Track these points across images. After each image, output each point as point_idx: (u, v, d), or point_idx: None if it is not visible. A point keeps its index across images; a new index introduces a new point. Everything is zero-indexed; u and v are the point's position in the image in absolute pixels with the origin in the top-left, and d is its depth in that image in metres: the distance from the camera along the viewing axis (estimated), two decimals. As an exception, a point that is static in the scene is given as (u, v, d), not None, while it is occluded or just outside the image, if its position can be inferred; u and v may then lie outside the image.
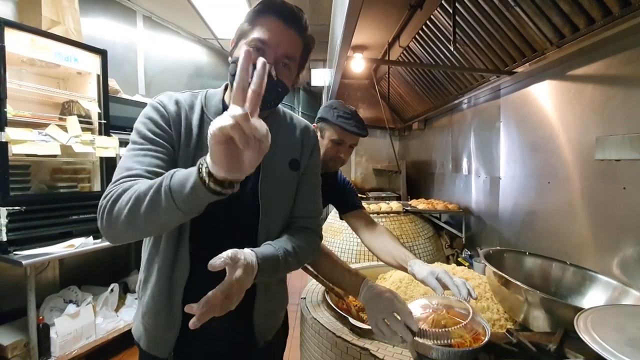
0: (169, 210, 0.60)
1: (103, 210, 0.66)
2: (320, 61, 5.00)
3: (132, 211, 0.62)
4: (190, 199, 0.58)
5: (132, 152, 0.74)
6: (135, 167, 0.71)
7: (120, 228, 0.65)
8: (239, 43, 0.81)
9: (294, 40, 0.80)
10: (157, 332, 0.83)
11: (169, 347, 0.83)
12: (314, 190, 0.97)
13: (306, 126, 0.97)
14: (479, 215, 2.17)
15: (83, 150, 2.18)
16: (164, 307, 0.81)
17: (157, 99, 0.83)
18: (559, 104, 1.46)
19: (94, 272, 2.67)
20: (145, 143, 0.75)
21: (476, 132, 2.26)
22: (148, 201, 0.61)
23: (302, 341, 1.26)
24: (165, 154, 0.75)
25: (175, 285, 0.80)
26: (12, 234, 1.87)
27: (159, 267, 0.81)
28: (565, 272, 1.20)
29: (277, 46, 0.78)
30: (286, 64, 0.81)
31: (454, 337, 0.77)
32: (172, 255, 0.80)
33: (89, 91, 2.37)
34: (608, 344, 0.61)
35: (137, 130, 0.77)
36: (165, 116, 0.80)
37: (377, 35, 2.57)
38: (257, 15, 0.79)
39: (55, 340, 1.98)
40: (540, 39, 1.42)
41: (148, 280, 0.83)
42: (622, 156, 1.12)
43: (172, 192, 0.59)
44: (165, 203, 0.60)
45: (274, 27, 0.78)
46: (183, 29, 3.97)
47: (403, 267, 1.13)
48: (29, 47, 2.00)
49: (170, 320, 0.81)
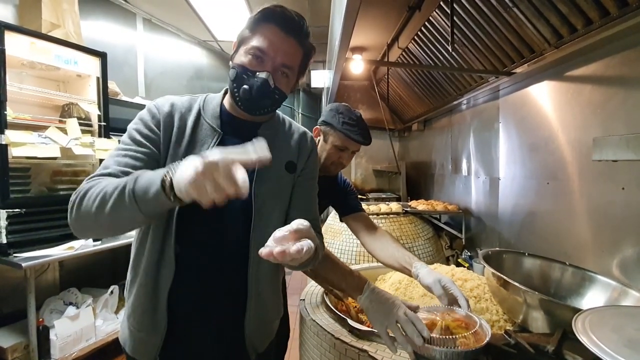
0: (133, 212, 0.62)
1: (72, 204, 0.68)
2: (320, 62, 5.01)
3: (98, 209, 0.64)
4: (152, 205, 0.61)
5: (115, 152, 0.77)
6: (111, 166, 0.74)
7: (88, 224, 0.68)
8: (239, 49, 0.82)
9: (292, 49, 0.81)
10: (141, 334, 0.82)
11: (154, 351, 0.81)
12: (311, 192, 0.97)
13: (304, 132, 0.98)
14: (479, 216, 2.17)
15: (83, 152, 2.18)
16: (148, 308, 0.80)
17: (154, 101, 0.84)
18: (558, 104, 1.46)
19: (93, 274, 2.67)
20: (130, 144, 0.78)
21: (475, 132, 2.26)
22: (113, 201, 0.63)
23: (301, 342, 1.26)
24: (145, 154, 0.77)
25: (160, 286, 0.79)
26: (12, 236, 1.87)
27: (144, 267, 0.80)
28: (565, 272, 1.20)
29: (275, 55, 0.79)
30: (284, 72, 0.81)
31: (460, 344, 0.76)
32: (157, 254, 0.79)
33: (89, 94, 2.37)
34: (606, 345, 0.61)
35: (127, 132, 0.80)
36: (157, 117, 0.81)
37: (376, 37, 2.58)
38: (258, 23, 0.80)
39: (55, 343, 1.98)
40: (538, 40, 1.42)
41: (134, 280, 0.82)
42: (619, 157, 1.12)
43: (135, 196, 0.61)
44: (128, 205, 0.61)
45: (273, 36, 0.79)
46: (183, 31, 3.98)
47: (406, 269, 1.12)
48: (29, 50, 2.01)
49: (155, 322, 0.80)
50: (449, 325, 0.82)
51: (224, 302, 0.84)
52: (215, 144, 0.81)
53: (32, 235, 1.98)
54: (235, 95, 0.81)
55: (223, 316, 0.85)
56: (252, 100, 0.80)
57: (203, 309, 0.83)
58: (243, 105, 0.81)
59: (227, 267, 0.83)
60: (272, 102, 0.83)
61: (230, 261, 0.83)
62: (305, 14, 0.86)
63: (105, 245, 2.21)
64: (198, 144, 0.81)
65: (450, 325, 0.82)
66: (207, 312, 0.83)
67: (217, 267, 0.83)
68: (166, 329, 0.80)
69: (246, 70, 0.79)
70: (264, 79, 0.78)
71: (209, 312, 0.83)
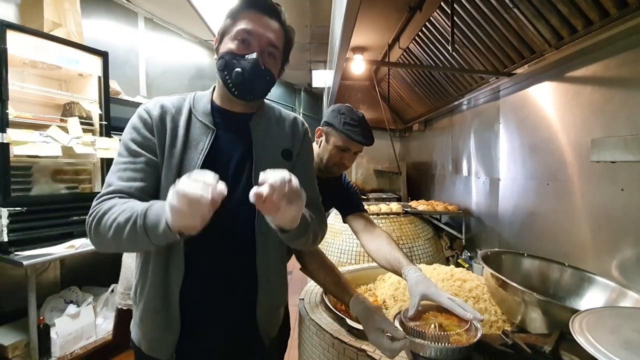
0: (147, 244, 0.67)
1: (90, 227, 0.73)
2: (321, 62, 5.01)
3: (114, 238, 0.69)
4: (162, 239, 0.65)
5: (116, 167, 0.79)
6: (114, 183, 0.77)
7: (107, 245, 0.74)
8: (223, 40, 0.84)
9: (276, 29, 0.84)
10: (155, 334, 0.83)
11: (170, 348, 0.82)
12: (308, 173, 0.98)
13: (295, 118, 0.99)
14: (479, 217, 2.17)
15: (84, 151, 2.20)
16: (160, 309, 0.81)
17: (144, 106, 0.85)
18: (558, 105, 1.46)
19: (94, 272, 2.68)
20: (127, 156, 0.79)
21: (476, 133, 2.26)
22: (127, 233, 0.67)
23: (300, 342, 1.26)
24: (144, 164, 0.79)
25: (171, 286, 0.80)
26: (13, 235, 1.88)
27: (153, 269, 0.81)
28: (564, 273, 1.20)
29: (261, 35, 0.81)
30: (271, 52, 0.84)
31: (453, 341, 0.77)
32: (165, 257, 0.80)
33: (90, 93, 2.38)
34: (603, 346, 0.61)
35: (123, 142, 0.81)
36: (149, 122, 0.82)
37: (377, 37, 2.58)
38: (239, 11, 0.82)
39: (55, 341, 1.99)
40: (538, 41, 1.42)
41: (144, 284, 0.83)
42: (617, 158, 1.12)
43: (147, 231, 0.65)
44: (142, 239, 0.66)
45: (257, 18, 0.82)
46: (184, 31, 3.99)
47: (397, 271, 1.12)
48: (31, 49, 2.02)
49: (167, 322, 0.81)
50: (442, 324, 0.83)
51: (235, 293, 0.86)
52: (210, 141, 0.82)
53: (33, 234, 1.99)
54: (228, 83, 0.82)
55: (236, 307, 0.86)
56: (246, 84, 0.81)
57: (215, 304, 0.84)
58: (237, 90, 0.82)
59: (235, 259, 0.85)
60: (265, 84, 0.84)
61: (238, 253, 0.85)
62: (306, 14, 0.87)
63: (105, 244, 2.21)
64: (193, 143, 0.82)
65: (443, 323, 0.83)
66: (220, 306, 0.84)
67: (225, 261, 0.84)
68: (180, 327, 0.81)
69: (235, 55, 0.81)
70: (254, 58, 0.80)
71: (222, 305, 0.84)
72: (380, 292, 1.40)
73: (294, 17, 3.31)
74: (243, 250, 0.85)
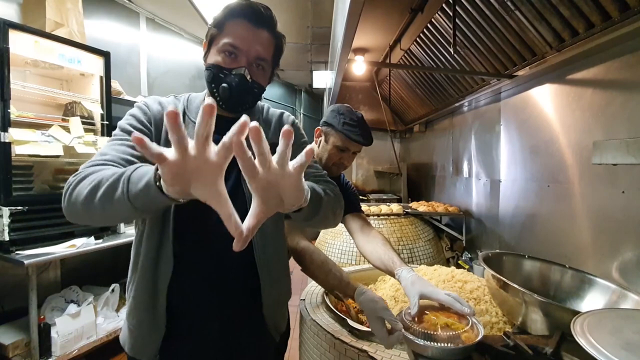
0: (121, 201, 0.58)
1: (67, 189, 0.66)
2: (322, 63, 5.01)
3: (90, 194, 0.62)
4: (141, 195, 0.56)
5: (110, 142, 0.77)
6: (110, 153, 0.72)
7: (78, 209, 0.65)
8: (210, 49, 0.82)
9: (265, 40, 0.82)
10: (141, 332, 0.82)
11: (154, 349, 0.81)
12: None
13: (281, 113, 0.99)
14: (480, 218, 2.17)
15: (85, 151, 2.20)
16: (147, 306, 0.80)
17: (143, 101, 0.85)
18: (559, 107, 1.47)
19: (95, 272, 2.68)
20: (123, 134, 0.77)
21: (477, 135, 2.27)
22: (106, 187, 0.60)
23: (301, 342, 1.26)
24: None
25: (159, 283, 0.79)
26: (14, 234, 1.89)
27: (142, 264, 0.80)
28: (564, 275, 1.20)
29: (248, 49, 0.79)
30: (260, 64, 0.82)
31: (463, 336, 0.78)
32: (154, 251, 0.79)
33: (92, 92, 2.39)
34: (604, 347, 0.62)
35: (120, 126, 0.80)
36: (148, 114, 0.82)
37: (378, 38, 2.59)
38: (226, 20, 0.80)
39: (56, 340, 1.99)
40: (540, 43, 1.43)
41: (133, 279, 0.82)
42: (618, 160, 1.12)
43: (129, 182, 0.58)
44: (119, 192, 0.58)
45: (244, 30, 0.79)
46: (186, 31, 3.99)
47: (391, 272, 1.12)
48: (33, 48, 2.02)
49: (154, 320, 0.80)
50: (447, 323, 0.83)
51: (236, 292, 0.85)
52: None
53: (34, 233, 1.99)
54: (215, 97, 0.80)
55: (239, 306, 0.86)
56: (233, 99, 0.80)
57: (207, 300, 0.83)
58: (225, 105, 0.81)
59: (231, 257, 0.82)
60: (253, 97, 0.84)
61: (234, 252, 0.83)
62: (308, 15, 0.87)
63: (106, 244, 2.22)
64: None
65: (448, 322, 0.83)
66: (214, 302, 0.83)
67: (220, 259, 0.83)
68: (165, 326, 0.80)
69: (221, 69, 0.79)
70: (241, 74, 0.78)
71: (217, 302, 0.83)
72: (381, 293, 1.40)
73: (295, 18, 3.30)
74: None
